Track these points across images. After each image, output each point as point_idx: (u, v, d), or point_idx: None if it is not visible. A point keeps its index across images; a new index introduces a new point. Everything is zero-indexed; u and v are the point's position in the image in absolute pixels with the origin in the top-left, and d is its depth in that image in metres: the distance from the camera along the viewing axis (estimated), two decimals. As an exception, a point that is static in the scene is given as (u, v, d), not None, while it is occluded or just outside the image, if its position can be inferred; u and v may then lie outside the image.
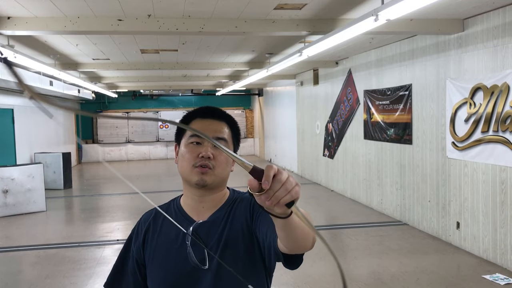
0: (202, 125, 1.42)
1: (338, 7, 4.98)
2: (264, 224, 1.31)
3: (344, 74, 9.30)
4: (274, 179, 0.89)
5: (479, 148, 5.32)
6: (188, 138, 1.42)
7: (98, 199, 10.41)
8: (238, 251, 1.36)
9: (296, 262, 1.27)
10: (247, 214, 1.40)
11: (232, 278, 1.31)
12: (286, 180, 0.90)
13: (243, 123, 19.71)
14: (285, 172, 0.91)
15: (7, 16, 4.94)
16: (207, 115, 1.45)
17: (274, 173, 0.89)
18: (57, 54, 7.96)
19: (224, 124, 1.46)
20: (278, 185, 0.89)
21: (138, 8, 4.85)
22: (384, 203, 7.79)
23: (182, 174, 1.43)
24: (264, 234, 1.30)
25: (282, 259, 1.26)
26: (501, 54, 4.97)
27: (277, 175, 0.89)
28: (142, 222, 1.52)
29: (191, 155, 1.39)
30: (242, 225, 1.39)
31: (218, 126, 1.44)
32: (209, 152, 1.37)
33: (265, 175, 0.89)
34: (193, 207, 1.45)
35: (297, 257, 1.26)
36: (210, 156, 1.37)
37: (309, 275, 4.96)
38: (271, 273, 1.44)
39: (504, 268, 4.98)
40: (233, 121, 1.50)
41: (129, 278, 1.49)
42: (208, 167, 1.37)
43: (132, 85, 15.60)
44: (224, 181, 1.46)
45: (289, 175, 0.91)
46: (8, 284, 5.04)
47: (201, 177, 1.37)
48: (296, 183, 0.91)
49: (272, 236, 1.24)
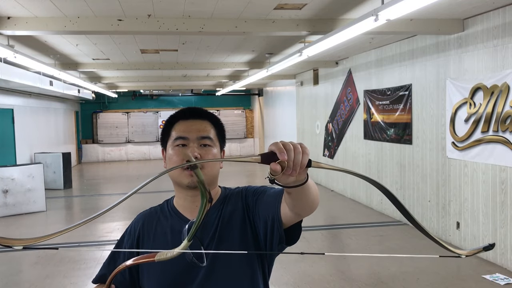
0: (185, 126, 1.43)
1: (338, 7, 4.98)
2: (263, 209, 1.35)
3: (344, 74, 9.30)
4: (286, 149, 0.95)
5: (479, 148, 5.32)
6: (174, 141, 1.43)
7: (98, 199, 10.41)
8: (232, 245, 1.38)
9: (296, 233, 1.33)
10: (240, 209, 1.42)
11: (226, 272, 1.34)
12: (295, 145, 0.96)
13: (243, 123, 19.71)
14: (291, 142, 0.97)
15: (7, 16, 4.94)
16: (189, 116, 1.46)
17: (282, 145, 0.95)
18: (57, 54, 7.96)
19: (207, 122, 1.47)
20: (292, 153, 0.95)
21: (138, 8, 4.85)
22: (384, 203, 7.79)
23: (172, 177, 1.43)
24: (270, 215, 1.32)
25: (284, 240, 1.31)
26: (501, 54, 4.97)
27: (285, 146, 0.95)
28: (135, 222, 1.53)
29: (178, 158, 1.40)
30: (236, 220, 1.41)
31: (201, 125, 1.45)
32: (196, 152, 1.38)
33: (277, 150, 0.94)
34: (186, 206, 1.46)
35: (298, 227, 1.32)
36: (197, 157, 1.38)
37: (309, 275, 4.96)
38: (270, 266, 1.46)
39: (504, 268, 4.98)
40: (216, 119, 1.51)
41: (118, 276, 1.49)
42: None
43: (132, 85, 15.60)
44: (215, 179, 1.48)
45: (290, 141, 0.98)
46: (8, 284, 5.04)
47: (191, 179, 1.38)
48: (299, 143, 0.98)
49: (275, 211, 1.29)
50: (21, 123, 11.18)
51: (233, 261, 1.38)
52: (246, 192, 1.46)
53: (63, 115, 15.73)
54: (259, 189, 1.44)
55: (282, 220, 1.27)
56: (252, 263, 1.40)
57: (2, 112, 10.31)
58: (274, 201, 1.30)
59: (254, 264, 1.41)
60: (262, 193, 1.41)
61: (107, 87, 15.15)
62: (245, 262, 1.39)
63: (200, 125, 1.45)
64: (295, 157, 0.96)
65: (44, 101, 13.29)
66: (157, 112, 19.06)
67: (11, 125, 10.66)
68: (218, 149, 1.47)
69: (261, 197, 1.39)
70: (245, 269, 1.39)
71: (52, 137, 14.12)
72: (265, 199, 1.38)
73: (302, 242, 6.18)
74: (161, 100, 19.32)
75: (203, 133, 1.43)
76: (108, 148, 18.86)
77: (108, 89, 15.46)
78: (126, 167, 16.89)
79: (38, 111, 12.90)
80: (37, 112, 12.81)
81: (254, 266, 1.41)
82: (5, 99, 10.34)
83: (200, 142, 1.41)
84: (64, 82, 11.19)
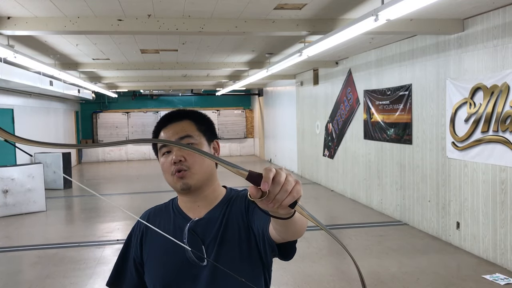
0: (165, 133, 1.44)
1: (338, 7, 4.98)
2: (258, 219, 1.34)
3: (344, 74, 9.30)
4: (273, 181, 0.86)
5: (479, 148, 5.32)
6: (159, 150, 1.45)
7: (98, 199, 10.40)
8: (235, 247, 1.38)
9: (290, 252, 1.30)
10: (242, 210, 1.42)
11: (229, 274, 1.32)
12: (286, 181, 0.87)
13: (243, 123, 19.71)
14: (283, 172, 0.88)
15: (7, 16, 4.94)
16: (167, 122, 1.46)
17: (273, 175, 0.86)
18: (57, 54, 7.96)
19: (186, 121, 1.46)
20: (278, 187, 0.86)
21: (138, 8, 4.85)
22: (384, 203, 7.79)
23: (169, 184, 1.45)
24: (260, 228, 1.32)
25: (276, 251, 1.28)
26: (501, 54, 4.97)
27: (275, 177, 0.86)
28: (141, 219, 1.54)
29: (167, 165, 1.41)
30: (238, 222, 1.41)
31: (178, 127, 1.44)
32: (179, 156, 1.38)
33: (264, 177, 0.86)
34: (189, 207, 1.47)
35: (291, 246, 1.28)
36: (181, 159, 1.38)
37: (309, 275, 4.96)
38: (269, 268, 1.45)
39: (504, 268, 4.98)
40: (196, 114, 1.50)
41: (129, 275, 1.52)
42: (183, 169, 1.38)
43: (132, 85, 15.60)
44: (210, 176, 1.45)
45: (288, 174, 0.89)
46: (8, 284, 5.04)
47: (182, 182, 1.38)
48: (296, 182, 0.89)
49: (265, 228, 1.26)
50: (21, 123, 11.18)
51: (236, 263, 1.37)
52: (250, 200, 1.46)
53: (63, 115, 15.72)
54: None
55: (271, 237, 1.25)
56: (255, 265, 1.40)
57: (2, 112, 10.31)
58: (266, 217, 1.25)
59: (257, 267, 1.40)
60: None
61: (107, 87, 15.15)
62: (247, 264, 1.38)
63: (177, 127, 1.44)
64: (279, 194, 0.86)
65: (44, 101, 13.29)
66: (157, 112, 19.05)
67: (11, 125, 10.66)
68: (206, 144, 1.46)
69: None
70: (248, 271, 1.38)
71: (52, 137, 14.11)
72: None
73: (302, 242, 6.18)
74: (161, 100, 19.31)
75: (181, 134, 1.43)
76: (108, 148, 18.85)
77: (108, 89, 15.46)
78: (126, 167, 16.89)
79: (38, 111, 12.90)
80: (37, 112, 12.81)
81: (257, 268, 1.40)
82: (5, 99, 10.34)
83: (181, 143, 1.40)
84: (64, 82, 11.19)
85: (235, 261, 1.36)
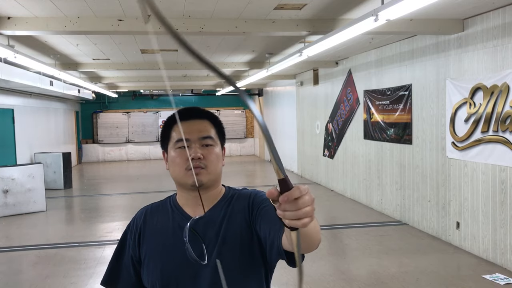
0: (185, 127, 1.40)
1: (338, 7, 4.98)
2: (267, 222, 1.31)
3: (344, 74, 9.30)
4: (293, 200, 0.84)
5: (479, 148, 5.32)
6: (175, 143, 1.42)
7: (98, 199, 10.42)
8: (236, 247, 1.37)
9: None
10: (245, 209, 1.41)
11: (231, 272, 1.32)
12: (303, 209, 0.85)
13: (243, 123, 19.71)
14: (309, 199, 0.86)
15: (7, 16, 4.95)
16: (188, 116, 1.44)
17: (298, 196, 0.84)
18: (57, 54, 7.96)
19: (207, 122, 1.46)
20: (292, 208, 0.85)
21: (138, 8, 4.84)
22: (384, 203, 7.80)
23: (176, 178, 1.44)
24: (267, 233, 1.30)
25: (285, 258, 1.25)
26: (500, 54, 4.97)
27: (299, 199, 0.84)
28: (137, 219, 1.53)
29: (182, 159, 1.39)
30: (241, 221, 1.40)
31: (201, 125, 1.44)
32: (199, 153, 1.38)
33: (289, 192, 0.84)
34: (189, 204, 1.46)
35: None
36: (200, 157, 1.37)
37: (309, 275, 4.96)
38: (271, 268, 1.45)
39: (504, 268, 4.98)
40: (215, 117, 1.50)
41: (124, 273, 1.51)
42: (200, 167, 1.38)
43: (132, 85, 15.60)
44: (219, 177, 1.47)
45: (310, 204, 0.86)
46: (8, 284, 5.04)
47: (196, 178, 1.37)
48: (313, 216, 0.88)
49: (276, 236, 1.24)
50: (21, 123, 11.18)
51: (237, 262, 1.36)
52: (255, 197, 1.44)
53: (63, 115, 15.72)
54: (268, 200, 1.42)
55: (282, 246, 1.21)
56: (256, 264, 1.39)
57: (2, 112, 10.31)
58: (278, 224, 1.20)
59: (258, 266, 1.40)
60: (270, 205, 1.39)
61: (107, 87, 15.15)
62: (248, 263, 1.38)
63: (200, 125, 1.44)
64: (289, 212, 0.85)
65: (44, 101, 13.29)
66: (157, 112, 19.06)
67: (11, 125, 10.67)
68: (220, 147, 1.46)
69: (269, 209, 1.34)
70: (249, 270, 1.38)
71: (52, 137, 14.12)
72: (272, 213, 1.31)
73: (302, 242, 6.19)
74: (161, 100, 19.31)
75: (204, 133, 1.42)
76: (108, 148, 18.86)
77: (108, 89, 15.46)
78: (126, 167, 16.89)
79: (38, 111, 12.90)
80: (37, 112, 12.81)
81: (258, 267, 1.40)
82: (5, 99, 10.35)
83: (202, 142, 1.41)
84: (64, 82, 11.19)
85: (236, 259, 1.36)
